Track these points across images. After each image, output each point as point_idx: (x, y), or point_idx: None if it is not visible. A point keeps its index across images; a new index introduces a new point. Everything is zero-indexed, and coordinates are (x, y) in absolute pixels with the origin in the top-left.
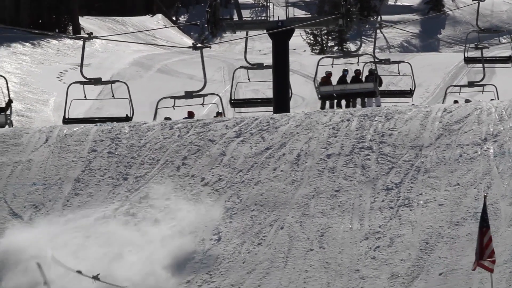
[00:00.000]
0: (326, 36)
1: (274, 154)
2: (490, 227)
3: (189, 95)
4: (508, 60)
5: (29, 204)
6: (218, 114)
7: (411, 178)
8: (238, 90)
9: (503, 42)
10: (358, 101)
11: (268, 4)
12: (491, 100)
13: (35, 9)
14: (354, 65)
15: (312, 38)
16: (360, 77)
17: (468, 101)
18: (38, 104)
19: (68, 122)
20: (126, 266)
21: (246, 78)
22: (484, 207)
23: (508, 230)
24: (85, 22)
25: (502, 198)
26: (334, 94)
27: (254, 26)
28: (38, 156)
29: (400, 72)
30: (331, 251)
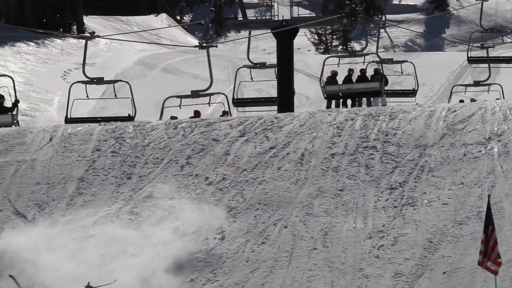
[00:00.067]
0: (330, 35)
1: (278, 153)
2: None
3: (195, 94)
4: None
5: (33, 203)
6: (224, 113)
7: (415, 177)
8: (242, 89)
9: (507, 41)
10: (364, 100)
11: (272, 3)
12: (497, 99)
13: (40, 8)
14: (358, 64)
15: (316, 38)
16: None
17: (473, 100)
18: (42, 103)
19: (70, 121)
20: (129, 265)
21: (250, 78)
22: (488, 206)
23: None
24: (89, 21)
25: (506, 197)
26: (340, 94)
27: (258, 26)
28: (42, 155)
29: (403, 71)
30: (335, 250)
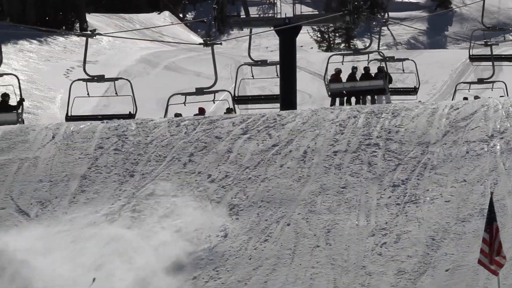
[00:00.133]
0: (333, 33)
1: (281, 151)
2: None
3: (200, 92)
4: None
5: (35, 201)
6: (229, 110)
7: (418, 175)
8: (245, 87)
9: (510, 39)
10: (368, 99)
11: (275, 1)
12: (501, 96)
13: (42, 6)
14: (360, 62)
15: (319, 35)
16: (369, 73)
17: (477, 97)
18: (44, 101)
19: (71, 119)
20: (131, 262)
21: (251, 75)
22: (490, 204)
23: None
24: (92, 19)
25: (508, 195)
26: (344, 92)
27: (261, 23)
28: (45, 153)
29: (405, 69)
30: (338, 248)
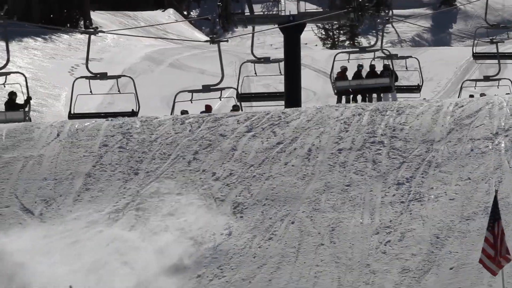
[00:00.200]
0: (337, 30)
1: (285, 148)
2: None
3: (206, 89)
4: None
5: (40, 199)
6: (235, 107)
7: (422, 173)
8: (249, 84)
9: None
10: (374, 96)
11: None
12: (506, 94)
13: (46, 3)
14: (364, 60)
15: (323, 33)
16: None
17: (483, 95)
18: (49, 99)
19: (73, 117)
20: (135, 261)
21: (254, 73)
22: (495, 202)
23: None
24: (96, 16)
25: None
26: (350, 89)
27: (265, 21)
28: (49, 151)
29: (408, 67)
30: (342, 246)
